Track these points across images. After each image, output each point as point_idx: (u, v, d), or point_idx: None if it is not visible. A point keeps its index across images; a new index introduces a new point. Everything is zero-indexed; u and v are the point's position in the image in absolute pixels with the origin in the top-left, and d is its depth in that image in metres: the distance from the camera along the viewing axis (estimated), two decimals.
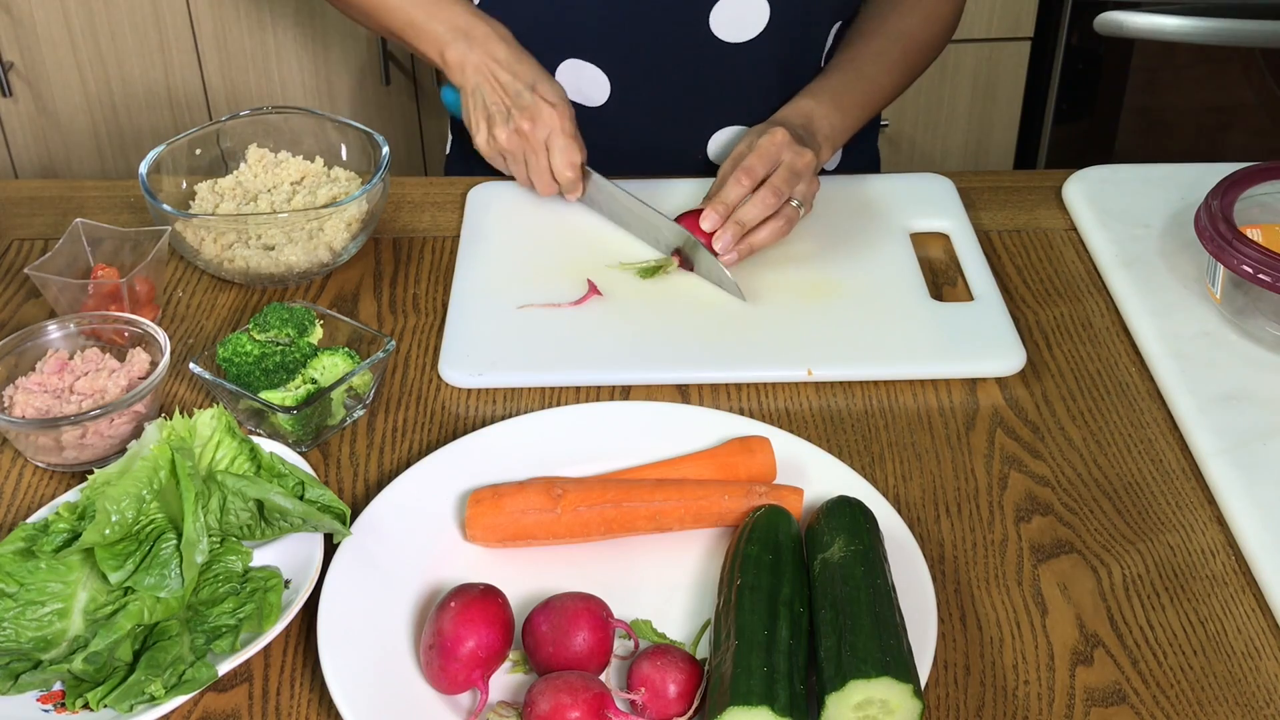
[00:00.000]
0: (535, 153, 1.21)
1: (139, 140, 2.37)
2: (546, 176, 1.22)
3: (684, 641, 0.85)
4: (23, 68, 2.30)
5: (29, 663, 0.83)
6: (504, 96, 1.20)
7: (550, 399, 1.07)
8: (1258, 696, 0.83)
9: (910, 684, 0.75)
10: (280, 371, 1.01)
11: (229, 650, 0.82)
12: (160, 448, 0.86)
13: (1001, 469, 1.00)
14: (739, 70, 1.30)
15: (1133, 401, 1.06)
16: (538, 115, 1.19)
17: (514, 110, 1.20)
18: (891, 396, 1.07)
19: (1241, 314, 1.09)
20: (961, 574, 0.91)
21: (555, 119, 1.19)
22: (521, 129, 1.20)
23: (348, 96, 2.36)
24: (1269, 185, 1.14)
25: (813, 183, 1.19)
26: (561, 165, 1.21)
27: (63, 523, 0.87)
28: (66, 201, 1.33)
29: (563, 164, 1.21)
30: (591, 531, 0.91)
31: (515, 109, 1.20)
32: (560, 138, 1.20)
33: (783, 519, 0.89)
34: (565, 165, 1.21)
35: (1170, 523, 0.95)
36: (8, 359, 1.02)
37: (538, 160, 1.21)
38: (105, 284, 1.10)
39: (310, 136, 1.29)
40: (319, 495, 0.90)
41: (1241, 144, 2.40)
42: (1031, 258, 1.24)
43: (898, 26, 1.33)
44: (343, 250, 1.19)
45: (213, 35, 2.28)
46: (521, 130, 1.20)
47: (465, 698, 0.82)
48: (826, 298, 1.16)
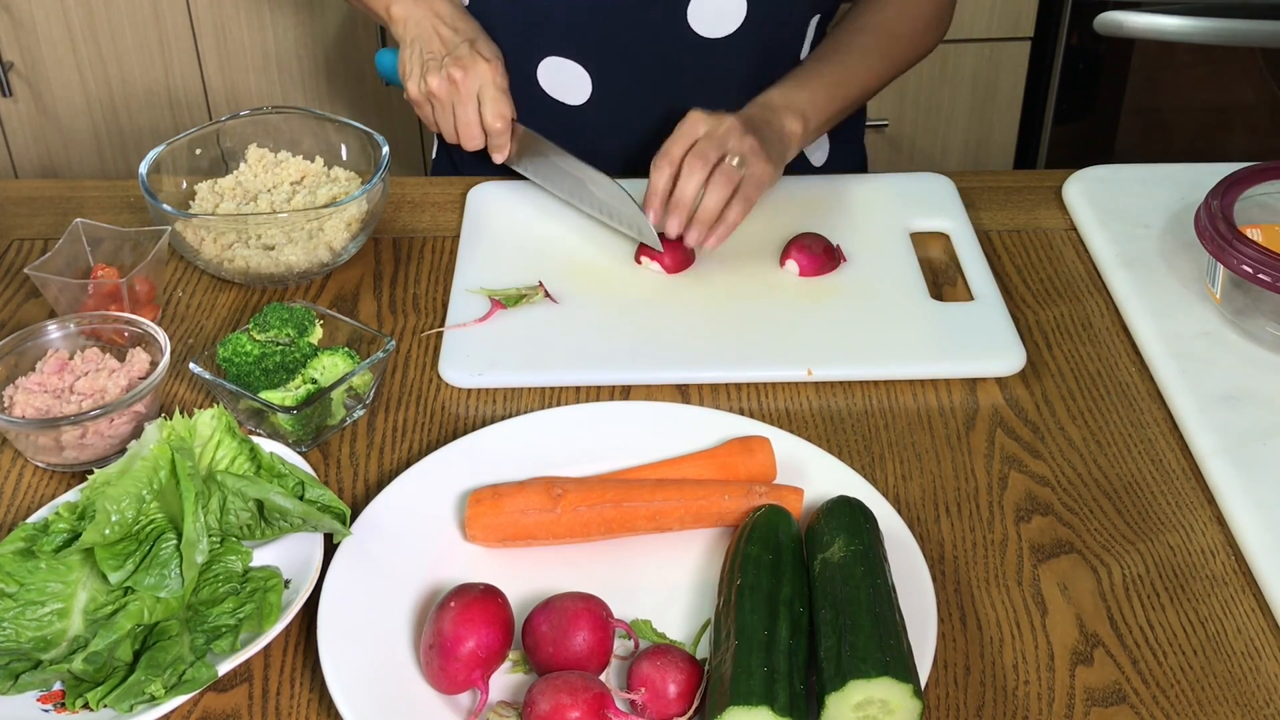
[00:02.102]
0: (464, 103, 1.22)
1: (139, 140, 2.37)
2: (474, 128, 1.23)
3: (684, 641, 0.85)
4: (23, 68, 2.30)
5: (29, 663, 0.83)
6: (441, 46, 1.23)
7: (550, 399, 1.07)
8: (1258, 696, 0.83)
9: (910, 684, 0.75)
10: (280, 371, 1.01)
11: (229, 650, 0.82)
12: (160, 448, 0.86)
13: (1001, 469, 1.00)
14: (717, 65, 1.30)
15: (1133, 401, 1.06)
16: (472, 66, 1.21)
17: (448, 60, 1.22)
18: (891, 396, 1.07)
19: (1241, 314, 1.09)
20: (961, 574, 0.91)
21: (489, 72, 1.21)
22: (454, 77, 1.21)
23: (348, 96, 2.36)
24: (1269, 185, 1.14)
25: (744, 139, 1.16)
26: (491, 116, 1.22)
27: (63, 523, 0.87)
28: (66, 201, 1.33)
29: (492, 115, 1.22)
30: (591, 531, 0.91)
31: (450, 59, 1.22)
32: (492, 89, 1.22)
33: (783, 519, 0.89)
34: (495, 116, 1.22)
35: (1170, 523, 0.95)
36: (8, 359, 1.02)
37: (466, 110, 1.23)
38: (105, 284, 1.10)
39: (310, 136, 1.29)
40: (319, 495, 0.90)
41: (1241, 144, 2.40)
42: (1031, 258, 1.24)
43: (871, 20, 1.33)
44: (343, 250, 1.19)
45: (213, 35, 2.28)
46: (453, 78, 1.21)
47: (465, 698, 0.82)
48: (826, 298, 1.16)
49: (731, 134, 1.16)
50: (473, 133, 1.24)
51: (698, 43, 1.28)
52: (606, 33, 1.28)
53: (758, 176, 1.16)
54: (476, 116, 1.23)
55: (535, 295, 1.15)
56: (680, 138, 1.17)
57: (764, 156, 1.17)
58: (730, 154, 1.15)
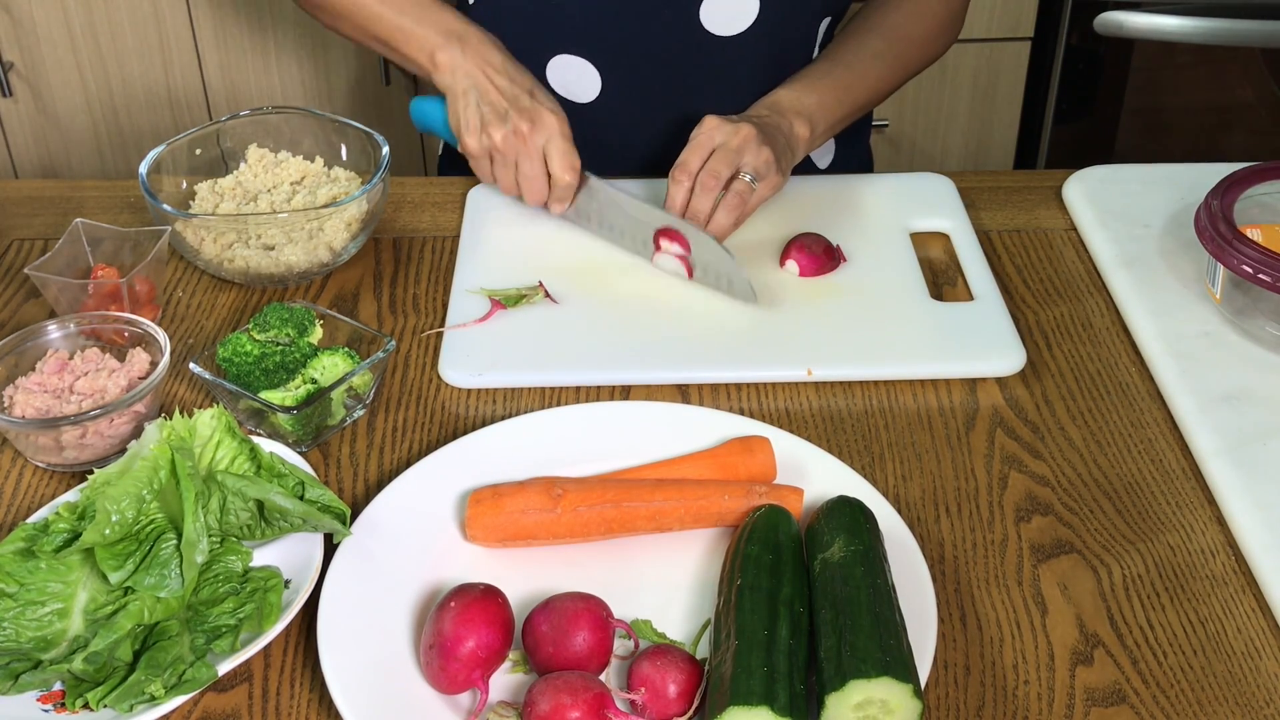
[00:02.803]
0: (531, 157, 1.18)
1: (139, 140, 2.37)
2: (539, 182, 1.19)
3: (684, 641, 0.85)
4: (23, 68, 2.30)
5: (29, 663, 0.83)
6: (501, 98, 1.18)
7: (550, 399, 1.07)
8: (1258, 696, 0.83)
9: (910, 684, 0.75)
10: (280, 371, 1.01)
11: (229, 650, 0.82)
12: (160, 448, 0.86)
13: (1001, 469, 1.00)
14: (729, 64, 1.30)
15: (1133, 401, 1.06)
16: (538, 119, 1.17)
17: (513, 112, 1.18)
18: (891, 396, 1.07)
19: (1241, 314, 1.09)
20: (961, 574, 0.91)
21: (556, 124, 1.18)
22: (520, 130, 1.17)
23: (347, 96, 2.36)
24: (1269, 185, 1.14)
25: (760, 151, 1.17)
26: (561, 169, 1.18)
27: (63, 523, 0.87)
28: (66, 201, 1.33)
29: (563, 167, 1.18)
30: (591, 531, 0.91)
31: (514, 110, 1.18)
32: (561, 141, 1.18)
33: (783, 519, 0.89)
34: (565, 169, 1.18)
35: (1170, 523, 0.95)
36: (8, 359, 1.02)
37: (532, 165, 1.19)
38: (105, 284, 1.10)
39: (310, 136, 1.29)
40: (319, 495, 0.90)
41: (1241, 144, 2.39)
42: (1031, 258, 1.24)
43: (882, 22, 1.33)
44: (343, 250, 1.19)
45: (213, 35, 2.28)
46: (520, 132, 1.17)
47: (465, 698, 0.82)
48: (826, 298, 1.16)
49: (748, 146, 1.17)
50: (537, 186, 1.20)
51: (709, 41, 1.28)
52: (618, 30, 1.28)
53: (764, 192, 1.19)
54: (542, 170, 1.19)
55: (535, 295, 1.15)
56: (698, 148, 1.17)
57: (776, 169, 1.19)
58: (744, 169, 1.17)
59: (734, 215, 1.17)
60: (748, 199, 1.17)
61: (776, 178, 1.19)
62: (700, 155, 1.17)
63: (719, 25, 1.28)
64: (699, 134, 1.18)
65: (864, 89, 1.30)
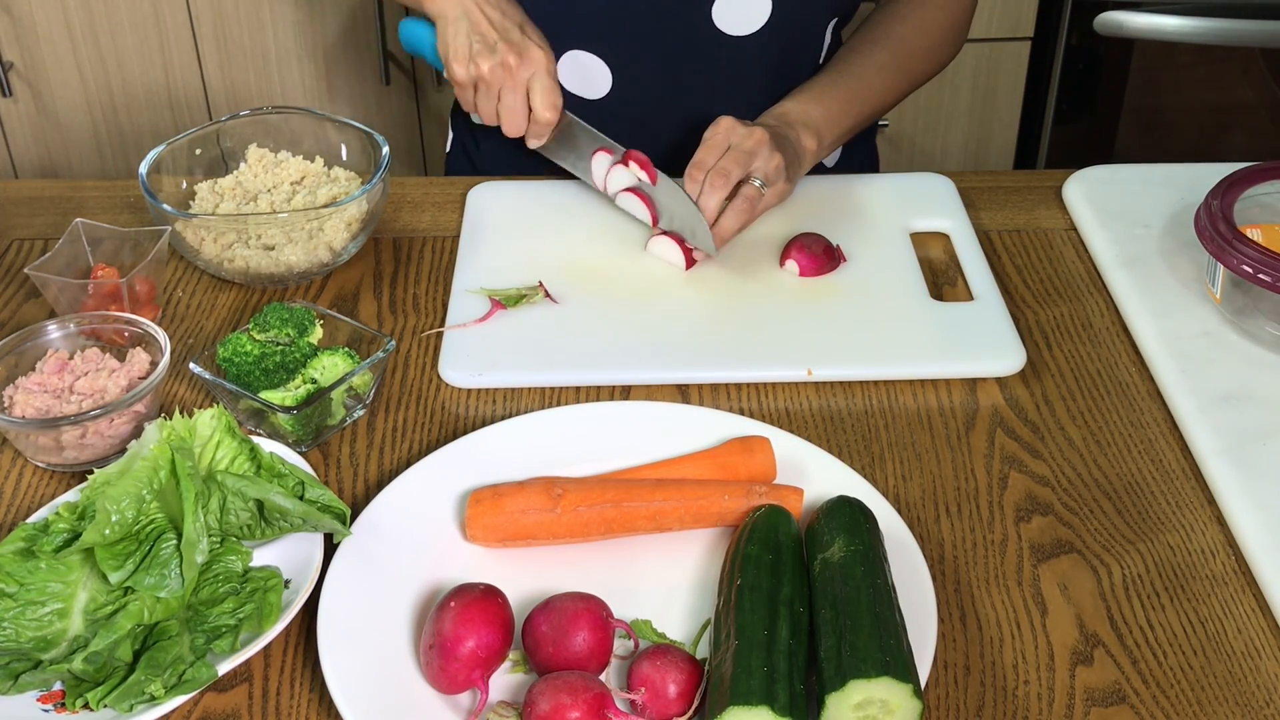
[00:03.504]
0: (515, 89, 1.20)
1: (139, 140, 2.37)
2: (520, 115, 1.21)
3: (684, 641, 0.85)
4: (23, 68, 2.30)
5: (29, 663, 0.83)
6: (491, 29, 1.20)
7: (550, 399, 1.07)
8: (1258, 696, 0.83)
9: (910, 684, 0.75)
10: (280, 371, 1.01)
11: (229, 650, 0.82)
12: (160, 448, 0.86)
13: (1001, 469, 1.00)
14: (740, 64, 1.30)
15: (1133, 401, 1.06)
16: (526, 52, 1.19)
17: (502, 43, 1.19)
18: (891, 396, 1.07)
19: (1241, 314, 1.09)
20: (961, 574, 0.91)
21: (542, 59, 1.19)
22: (508, 62, 1.19)
23: (348, 96, 2.36)
24: (1269, 185, 1.14)
25: (772, 157, 1.18)
26: (543, 105, 1.20)
27: (63, 523, 0.87)
28: (66, 201, 1.33)
29: (544, 104, 1.20)
30: (591, 531, 0.91)
31: (503, 42, 1.19)
32: (546, 78, 1.19)
33: (783, 519, 0.89)
34: (547, 105, 1.20)
35: (1170, 523, 0.95)
36: (8, 359, 1.02)
37: (515, 97, 1.20)
38: (105, 284, 1.10)
39: (310, 136, 1.29)
40: (319, 495, 0.90)
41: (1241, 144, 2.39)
42: (1031, 258, 1.24)
43: (889, 33, 1.34)
44: (343, 250, 1.19)
45: (213, 35, 2.28)
46: (507, 63, 1.19)
47: (465, 698, 0.82)
48: (826, 298, 1.16)
49: (761, 150, 1.18)
50: (518, 119, 1.21)
51: (721, 39, 1.29)
52: (630, 27, 1.28)
53: (770, 199, 1.20)
54: (524, 103, 1.21)
55: (535, 295, 1.15)
56: (713, 147, 1.19)
57: (785, 177, 1.20)
58: (755, 173, 1.18)
59: (741, 219, 1.18)
60: (756, 204, 1.19)
61: (784, 186, 1.21)
62: (715, 154, 1.18)
63: (731, 25, 1.28)
64: (714, 134, 1.20)
65: (870, 101, 1.31)
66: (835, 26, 1.36)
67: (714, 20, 1.28)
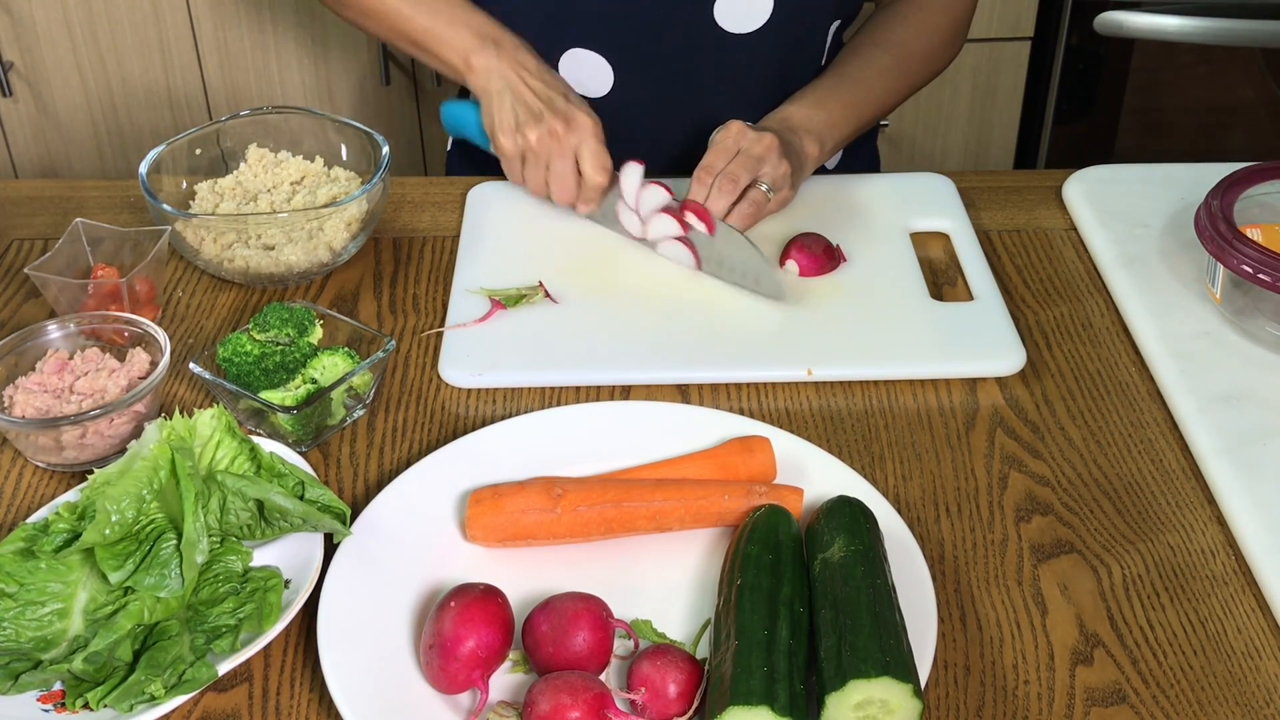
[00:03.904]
0: (563, 157, 1.20)
1: (139, 140, 2.37)
2: (570, 181, 1.20)
3: (684, 641, 0.85)
4: (23, 68, 2.30)
5: (29, 663, 0.83)
6: (536, 99, 1.20)
7: (550, 399, 1.07)
8: (1258, 696, 0.83)
9: (910, 684, 0.75)
10: (280, 371, 1.01)
11: (229, 650, 0.82)
12: (160, 448, 0.86)
13: (1001, 469, 1.00)
14: (741, 62, 1.31)
15: (1133, 401, 1.06)
16: (573, 120, 1.19)
17: (548, 112, 1.19)
18: (891, 396, 1.07)
19: (1241, 314, 1.09)
20: (961, 574, 0.91)
21: (590, 126, 1.19)
22: (555, 131, 1.19)
23: (348, 96, 2.36)
24: (1269, 185, 1.14)
25: (779, 164, 1.19)
26: (593, 169, 1.19)
27: (63, 523, 0.87)
28: (66, 201, 1.33)
29: (594, 168, 1.19)
30: (591, 531, 0.91)
31: (549, 111, 1.19)
32: (594, 143, 1.19)
33: (783, 519, 0.89)
34: (597, 169, 1.19)
35: (1170, 523, 0.95)
36: (8, 359, 1.02)
37: (564, 164, 1.20)
38: (105, 284, 1.10)
39: (310, 136, 1.29)
40: (319, 495, 0.90)
41: (1241, 144, 2.39)
42: (1031, 258, 1.24)
43: (889, 36, 1.34)
44: (343, 250, 1.19)
45: (213, 35, 2.28)
46: (555, 132, 1.19)
47: (465, 698, 0.82)
48: (826, 298, 1.16)
49: (769, 156, 1.19)
50: (568, 186, 1.21)
51: (722, 37, 1.29)
52: (631, 25, 1.28)
53: (773, 206, 1.21)
54: (574, 169, 1.20)
55: (535, 295, 1.15)
56: (722, 151, 1.19)
57: (790, 184, 1.21)
58: (762, 179, 1.19)
59: (745, 224, 1.19)
60: (762, 209, 1.19)
61: (788, 193, 1.22)
62: (724, 158, 1.19)
63: (732, 22, 1.28)
64: (724, 138, 1.20)
65: (871, 104, 1.31)
66: (838, 29, 1.37)
67: (715, 18, 1.28)
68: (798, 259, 1.18)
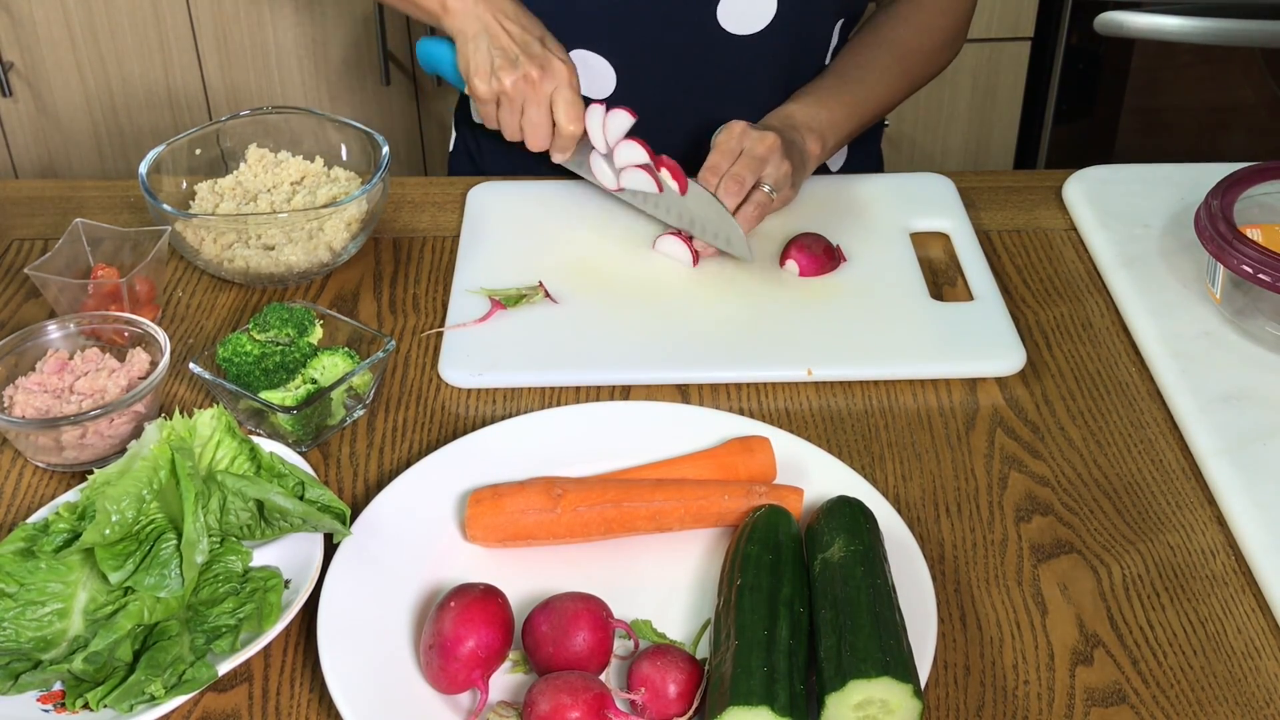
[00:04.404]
0: (538, 103, 1.19)
1: (139, 140, 2.37)
2: (544, 129, 1.20)
3: (684, 641, 0.85)
4: (23, 68, 2.30)
5: (29, 663, 0.83)
6: (512, 43, 1.19)
7: (550, 399, 1.07)
8: (1258, 696, 0.83)
9: (910, 684, 0.75)
10: (280, 371, 1.01)
11: (229, 650, 0.82)
12: (160, 448, 0.86)
13: (1001, 469, 1.00)
14: (745, 63, 1.31)
15: (1133, 401, 1.07)
16: (548, 66, 1.18)
17: (523, 57, 1.18)
18: (891, 396, 1.07)
19: (1241, 314, 1.09)
20: (961, 574, 0.91)
21: (565, 73, 1.19)
22: (530, 75, 1.18)
23: (348, 96, 2.35)
24: (1269, 185, 1.14)
25: (782, 164, 1.19)
26: (566, 118, 1.19)
27: (63, 523, 0.87)
28: (66, 201, 1.33)
29: (568, 117, 1.19)
30: (591, 531, 0.91)
31: (525, 56, 1.18)
32: (568, 90, 1.19)
33: (783, 519, 0.89)
34: (570, 119, 1.19)
35: (1170, 523, 0.95)
36: (8, 359, 1.02)
37: (539, 111, 1.20)
38: (105, 284, 1.10)
39: (310, 136, 1.29)
40: (319, 495, 0.90)
41: (1241, 144, 2.39)
42: (1031, 258, 1.24)
43: (890, 35, 1.34)
44: (343, 250, 1.19)
45: (213, 35, 2.28)
46: (530, 77, 1.18)
47: (465, 698, 0.82)
48: (826, 298, 1.16)
49: (773, 157, 1.19)
50: (541, 133, 1.21)
51: (726, 39, 1.29)
52: (634, 26, 1.28)
53: (775, 205, 1.21)
54: (548, 117, 1.20)
55: (535, 295, 1.15)
56: (727, 152, 1.19)
57: (791, 183, 1.21)
58: (766, 180, 1.19)
59: (750, 225, 1.19)
60: (766, 210, 1.20)
61: (789, 192, 1.22)
62: (728, 159, 1.19)
63: (736, 24, 1.28)
64: (727, 138, 1.20)
65: (872, 103, 1.31)
66: (842, 28, 1.37)
67: (719, 19, 1.28)
68: (798, 259, 1.18)
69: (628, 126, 1.19)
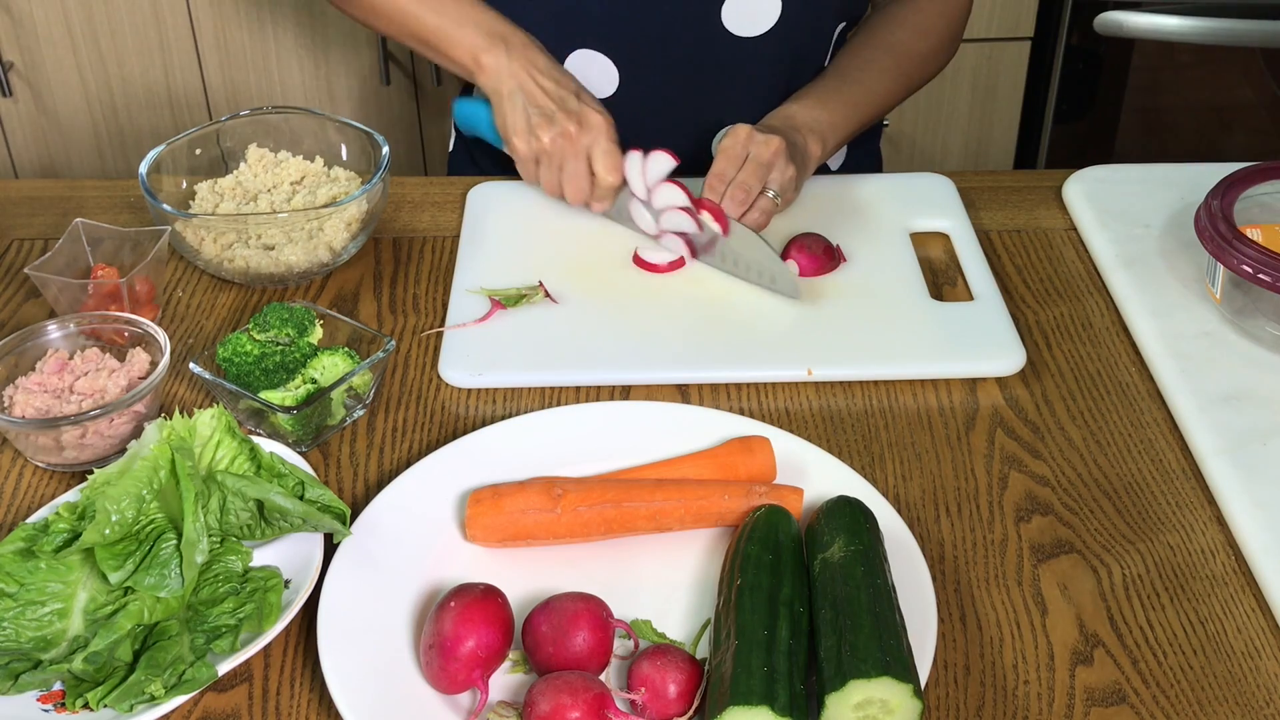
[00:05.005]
0: (576, 157, 1.19)
1: (139, 140, 2.37)
2: (583, 181, 1.20)
3: (684, 641, 0.85)
4: (23, 68, 2.30)
5: (29, 663, 0.83)
6: (548, 100, 1.19)
7: (550, 399, 1.07)
8: (1258, 696, 0.83)
9: (910, 684, 0.75)
10: (280, 371, 1.01)
11: (229, 650, 0.82)
12: (160, 448, 0.86)
13: (1001, 469, 1.00)
14: (749, 65, 1.31)
15: (1133, 401, 1.07)
16: (585, 120, 1.19)
17: (560, 113, 1.19)
18: (891, 396, 1.07)
19: (1241, 314, 1.09)
20: (961, 574, 0.91)
21: (603, 125, 1.19)
22: (568, 132, 1.18)
23: (348, 96, 2.36)
24: (1269, 185, 1.14)
25: (786, 169, 1.19)
26: (605, 169, 1.19)
27: (63, 523, 0.87)
28: (66, 201, 1.33)
29: (607, 168, 1.19)
30: (591, 531, 0.91)
31: (561, 112, 1.19)
32: (606, 142, 1.19)
33: (783, 519, 0.89)
34: (609, 169, 1.19)
35: (1170, 523, 0.95)
36: (8, 359, 1.02)
37: (577, 165, 1.19)
38: (105, 284, 1.10)
39: (310, 136, 1.29)
40: (319, 495, 0.90)
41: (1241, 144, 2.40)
42: (1031, 258, 1.24)
43: (888, 38, 1.34)
44: (343, 250, 1.19)
45: (213, 35, 2.28)
46: (568, 133, 1.18)
47: (465, 698, 0.82)
48: (826, 298, 1.16)
49: (777, 161, 1.19)
50: (581, 185, 1.20)
51: (729, 41, 1.29)
52: (638, 27, 1.28)
53: (778, 208, 1.21)
54: (586, 170, 1.20)
55: (535, 295, 1.15)
56: (733, 158, 1.19)
57: (794, 187, 1.21)
58: (771, 185, 1.19)
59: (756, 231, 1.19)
60: (771, 216, 1.20)
61: (792, 195, 1.22)
62: (734, 165, 1.19)
63: (740, 26, 1.28)
64: (733, 144, 1.19)
65: (871, 104, 1.31)
66: (842, 31, 1.37)
67: (723, 21, 1.28)
68: (798, 259, 1.18)
69: (669, 169, 1.18)
